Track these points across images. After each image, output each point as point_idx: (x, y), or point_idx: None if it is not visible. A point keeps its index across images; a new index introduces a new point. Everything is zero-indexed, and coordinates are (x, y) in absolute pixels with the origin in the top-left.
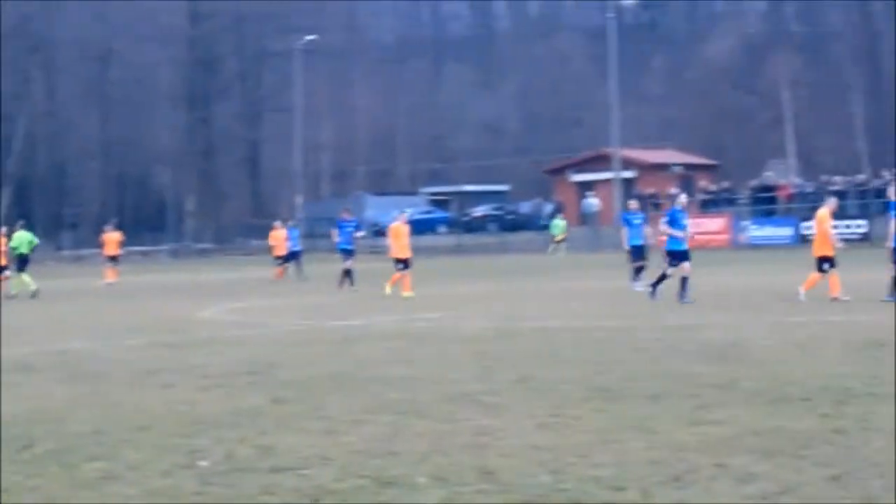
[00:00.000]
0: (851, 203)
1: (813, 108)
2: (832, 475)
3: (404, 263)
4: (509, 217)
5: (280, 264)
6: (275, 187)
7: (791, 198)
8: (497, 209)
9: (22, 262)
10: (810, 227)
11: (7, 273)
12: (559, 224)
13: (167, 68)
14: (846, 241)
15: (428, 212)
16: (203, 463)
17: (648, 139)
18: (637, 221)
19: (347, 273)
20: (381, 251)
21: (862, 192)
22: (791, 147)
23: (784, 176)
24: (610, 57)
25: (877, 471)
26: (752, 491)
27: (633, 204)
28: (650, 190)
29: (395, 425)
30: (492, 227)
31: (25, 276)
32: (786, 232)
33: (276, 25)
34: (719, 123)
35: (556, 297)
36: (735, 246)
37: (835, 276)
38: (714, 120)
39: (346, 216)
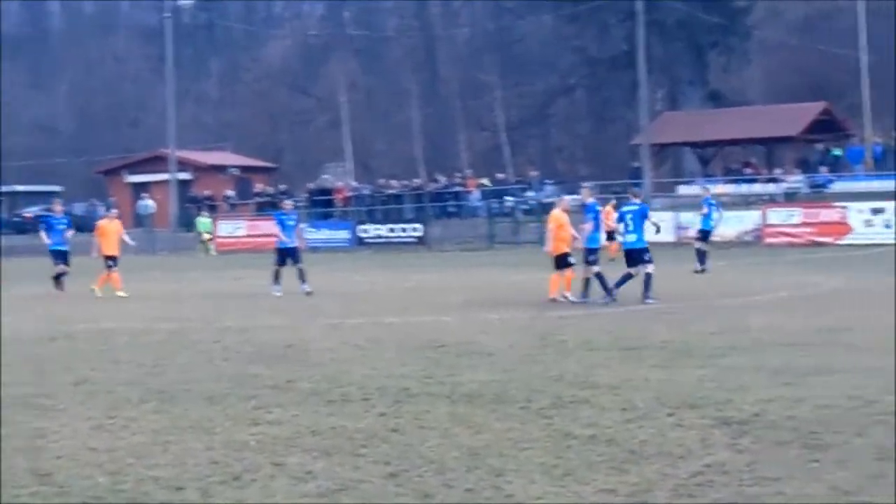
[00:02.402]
0: (408, 207)
1: (370, 112)
2: (390, 472)
3: (114, 261)
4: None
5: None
6: None
7: (348, 201)
8: (48, 210)
9: None
10: (367, 231)
11: None
12: (204, 222)
13: None
14: (403, 244)
15: None
16: None
17: (205, 141)
18: (290, 223)
19: (59, 277)
20: None
21: (418, 197)
22: (348, 150)
23: (341, 179)
24: (167, 57)
25: (433, 467)
26: (310, 489)
27: (289, 204)
28: (206, 192)
29: None
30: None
31: None
32: (343, 235)
33: None
34: (277, 126)
35: (110, 299)
36: None
37: (570, 274)
38: (271, 122)
39: (56, 211)
